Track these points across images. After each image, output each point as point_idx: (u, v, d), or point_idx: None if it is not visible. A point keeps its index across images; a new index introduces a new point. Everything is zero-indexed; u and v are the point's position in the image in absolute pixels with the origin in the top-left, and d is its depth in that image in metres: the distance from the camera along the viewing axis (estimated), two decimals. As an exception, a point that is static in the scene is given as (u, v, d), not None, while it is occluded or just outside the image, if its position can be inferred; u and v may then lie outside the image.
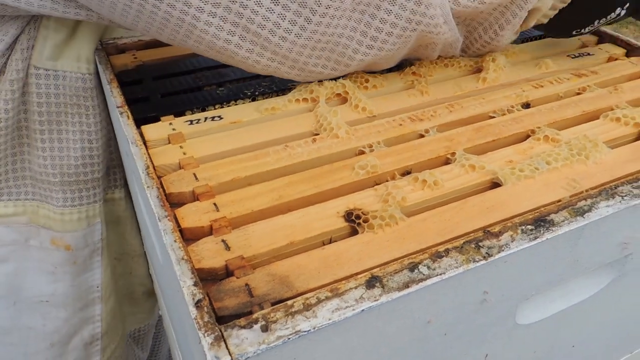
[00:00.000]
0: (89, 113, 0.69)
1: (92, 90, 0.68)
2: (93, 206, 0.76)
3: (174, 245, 0.41)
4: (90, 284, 0.81)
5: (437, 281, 0.40)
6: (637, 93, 0.66)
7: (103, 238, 0.80)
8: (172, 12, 0.51)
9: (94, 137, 0.70)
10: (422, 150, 0.55)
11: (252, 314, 0.37)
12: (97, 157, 0.72)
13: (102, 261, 0.81)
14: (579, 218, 0.46)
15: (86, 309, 0.82)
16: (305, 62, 0.57)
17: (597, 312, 0.59)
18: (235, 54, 0.55)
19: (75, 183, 0.73)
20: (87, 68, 0.67)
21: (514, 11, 0.62)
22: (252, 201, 0.48)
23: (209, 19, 0.51)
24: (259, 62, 0.56)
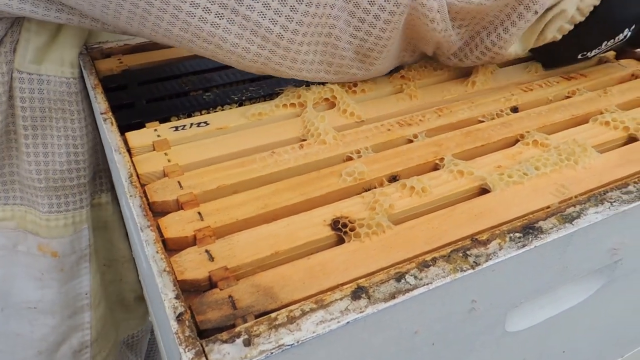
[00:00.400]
0: (74, 118, 0.68)
1: (76, 94, 0.67)
2: (79, 212, 0.75)
3: (156, 256, 0.40)
4: (78, 291, 0.80)
5: (424, 291, 0.39)
6: (626, 96, 0.66)
7: (90, 244, 0.79)
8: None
9: (79, 142, 0.69)
10: (411, 155, 0.55)
11: (235, 327, 0.36)
12: (83, 162, 0.71)
13: (90, 268, 0.80)
14: (568, 225, 0.45)
15: (75, 317, 0.81)
16: (297, 50, 0.54)
17: (587, 318, 0.59)
18: (223, 40, 0.51)
19: (61, 189, 0.72)
20: (72, 72, 0.66)
21: (520, 13, 0.58)
22: (237, 210, 0.47)
23: (195, 0, 0.49)
24: (248, 50, 0.52)
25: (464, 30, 0.61)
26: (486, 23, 0.61)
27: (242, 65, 0.55)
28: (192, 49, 0.53)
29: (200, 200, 0.48)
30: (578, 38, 0.64)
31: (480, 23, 0.61)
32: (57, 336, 0.81)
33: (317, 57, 0.56)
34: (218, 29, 0.51)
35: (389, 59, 0.61)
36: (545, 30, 0.62)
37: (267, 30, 0.51)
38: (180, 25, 0.51)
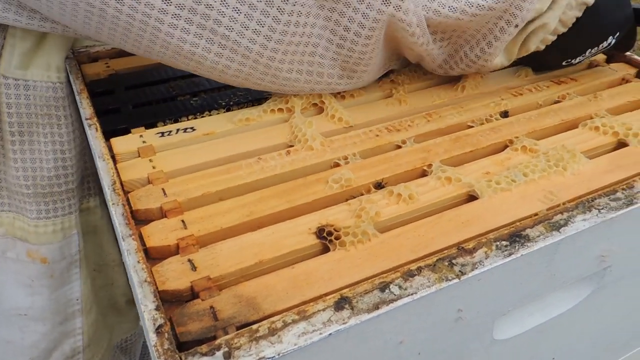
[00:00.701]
0: (60, 123, 0.67)
1: (63, 99, 0.66)
2: (68, 217, 0.74)
3: (137, 266, 0.40)
4: (69, 297, 0.79)
5: (408, 301, 0.39)
6: (616, 100, 0.65)
7: (80, 250, 0.78)
8: (134, 16, 0.48)
9: (66, 147, 0.68)
10: (398, 162, 0.54)
11: (215, 340, 0.35)
12: (71, 168, 0.70)
13: (80, 273, 0.79)
14: (555, 233, 0.45)
15: (66, 323, 0.80)
16: (278, 67, 0.55)
17: (577, 324, 0.59)
18: (203, 59, 0.52)
19: (49, 195, 0.71)
20: (58, 77, 0.65)
21: (502, 27, 0.58)
22: (221, 218, 0.46)
23: (173, 22, 0.48)
24: (229, 67, 0.53)
25: (445, 44, 0.61)
26: (468, 37, 0.61)
27: (224, 79, 0.56)
28: (175, 64, 0.54)
29: (184, 207, 0.48)
30: (561, 47, 0.64)
31: (462, 37, 0.61)
32: (49, 343, 0.80)
33: (303, 76, 0.57)
34: (197, 48, 0.51)
35: (375, 70, 0.62)
36: (527, 41, 0.62)
37: (246, 49, 0.52)
38: (161, 43, 0.51)
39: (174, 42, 0.50)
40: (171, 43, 0.50)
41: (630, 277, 0.57)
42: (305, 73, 0.57)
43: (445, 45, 0.61)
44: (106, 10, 0.48)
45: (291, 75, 0.56)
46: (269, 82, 0.57)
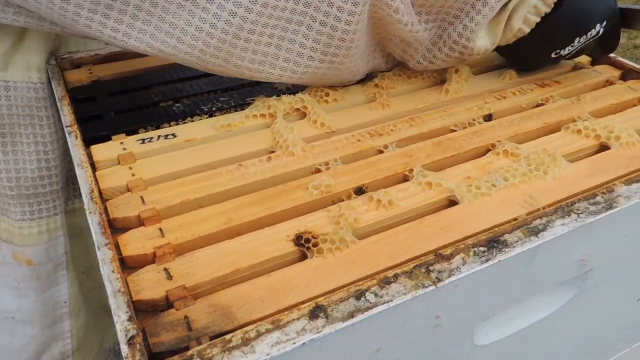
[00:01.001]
0: (43, 124, 0.66)
1: (45, 100, 0.65)
2: (54, 219, 0.74)
3: (112, 276, 0.40)
4: (56, 299, 0.79)
5: (384, 309, 0.39)
6: (600, 103, 0.65)
7: (67, 251, 0.78)
8: None
9: (49, 147, 0.68)
10: (380, 167, 0.54)
11: (188, 350, 0.35)
12: (55, 169, 0.70)
13: (67, 275, 0.79)
14: (533, 238, 0.45)
15: (55, 326, 0.80)
16: (258, 41, 0.53)
17: (561, 328, 0.58)
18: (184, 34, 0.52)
19: (34, 196, 0.70)
20: (39, 77, 0.65)
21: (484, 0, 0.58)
22: (199, 225, 0.46)
23: (151, 9, 0.49)
24: (208, 44, 0.52)
25: (430, 26, 0.60)
26: (452, 18, 0.60)
27: (204, 63, 0.54)
28: (148, 51, 0.53)
29: (162, 215, 0.48)
30: (549, 35, 0.64)
31: (446, 18, 0.60)
32: (37, 346, 0.80)
33: (282, 53, 0.55)
34: (176, 29, 0.50)
35: (359, 58, 0.61)
36: (510, 20, 0.61)
37: (226, 23, 0.51)
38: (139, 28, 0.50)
39: (150, 29, 0.50)
40: (147, 31, 0.50)
41: (612, 281, 0.57)
42: (284, 50, 0.55)
43: (430, 27, 0.60)
44: None
45: (269, 49, 0.55)
46: (248, 62, 0.55)
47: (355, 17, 0.53)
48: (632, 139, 0.57)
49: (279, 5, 0.51)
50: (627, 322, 0.70)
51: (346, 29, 0.54)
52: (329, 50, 0.56)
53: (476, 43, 0.61)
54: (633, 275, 0.60)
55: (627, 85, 0.69)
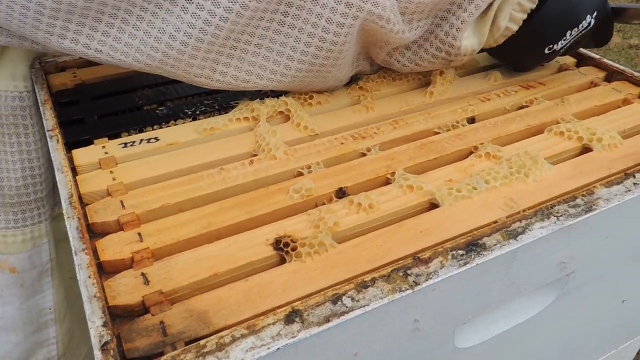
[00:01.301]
0: (28, 132, 0.66)
1: (30, 108, 0.65)
2: (38, 226, 0.74)
3: (88, 281, 0.39)
4: (41, 306, 0.79)
5: (360, 314, 0.39)
6: (583, 105, 0.66)
7: (52, 258, 0.77)
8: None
9: (34, 155, 0.68)
10: (362, 170, 0.54)
11: (162, 355, 0.35)
12: (40, 177, 0.70)
13: (52, 282, 0.79)
14: (512, 241, 0.45)
15: (39, 333, 0.80)
16: (244, 49, 0.53)
17: (545, 330, 0.59)
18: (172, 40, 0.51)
19: (18, 204, 0.70)
20: (25, 86, 0.64)
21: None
22: (178, 230, 0.46)
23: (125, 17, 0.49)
24: (198, 48, 0.51)
25: (415, 25, 0.59)
26: (439, 20, 0.60)
27: (190, 76, 0.54)
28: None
29: (142, 220, 0.47)
30: (538, 31, 0.64)
31: (434, 20, 0.60)
32: (21, 353, 0.79)
33: (269, 65, 0.55)
34: (154, 28, 0.50)
35: (346, 65, 0.61)
36: (496, 19, 0.61)
37: (216, 28, 0.50)
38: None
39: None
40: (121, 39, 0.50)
41: (595, 282, 0.57)
42: (272, 62, 0.55)
43: (416, 28, 0.60)
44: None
45: (257, 59, 0.54)
46: (234, 69, 0.55)
47: (344, 30, 0.53)
48: (614, 141, 0.57)
49: (266, 17, 0.51)
50: (612, 323, 0.70)
51: (335, 40, 0.54)
52: (316, 61, 0.56)
53: (462, 42, 0.61)
54: (616, 277, 0.60)
55: (611, 86, 0.69)
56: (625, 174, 0.52)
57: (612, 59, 2.52)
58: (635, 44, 3.23)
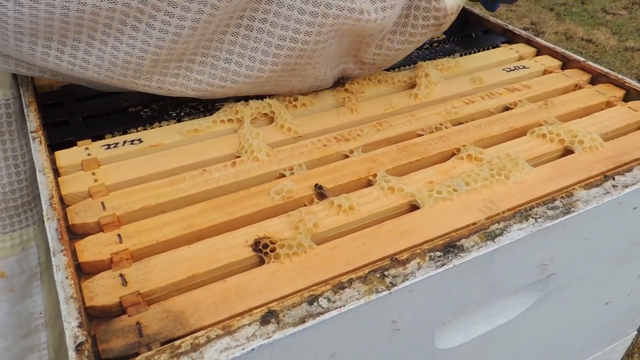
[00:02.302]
0: (13, 138, 0.66)
1: (15, 114, 0.65)
2: (26, 230, 0.74)
3: (65, 282, 0.39)
4: (31, 311, 0.79)
5: (336, 314, 0.39)
6: (567, 107, 0.66)
7: (41, 262, 0.77)
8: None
9: (20, 160, 0.68)
10: (344, 172, 0.54)
11: (137, 356, 0.35)
12: (26, 181, 0.70)
13: (42, 286, 0.78)
14: (489, 242, 0.45)
15: (29, 337, 0.80)
16: (218, 47, 0.53)
17: (528, 331, 0.59)
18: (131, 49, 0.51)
19: (5, 210, 0.70)
20: (12, 93, 0.64)
21: None
22: (158, 231, 0.46)
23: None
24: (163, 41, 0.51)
25: (389, 4, 0.58)
26: None
27: (146, 88, 0.55)
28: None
29: (123, 221, 0.48)
30: None
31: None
32: (11, 358, 0.79)
33: (243, 70, 0.55)
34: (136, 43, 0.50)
35: (324, 64, 0.60)
36: None
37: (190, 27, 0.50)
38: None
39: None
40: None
41: (577, 284, 0.58)
42: (245, 67, 0.55)
43: (391, 7, 0.58)
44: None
45: (230, 65, 0.55)
46: (208, 76, 0.55)
47: (315, 29, 0.53)
48: (595, 143, 0.58)
49: (232, 23, 0.51)
50: (597, 325, 0.70)
51: (306, 39, 0.54)
52: (289, 61, 0.56)
53: (447, 2, 0.61)
54: (598, 279, 0.60)
55: (595, 89, 0.70)
56: (604, 177, 0.53)
57: (608, 62, 2.51)
58: (631, 46, 3.25)
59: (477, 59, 0.77)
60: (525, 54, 0.78)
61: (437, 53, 0.78)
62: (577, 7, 3.75)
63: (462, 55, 0.79)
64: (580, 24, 3.51)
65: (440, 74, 0.71)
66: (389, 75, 0.70)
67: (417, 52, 0.79)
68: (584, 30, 3.42)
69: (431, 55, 0.77)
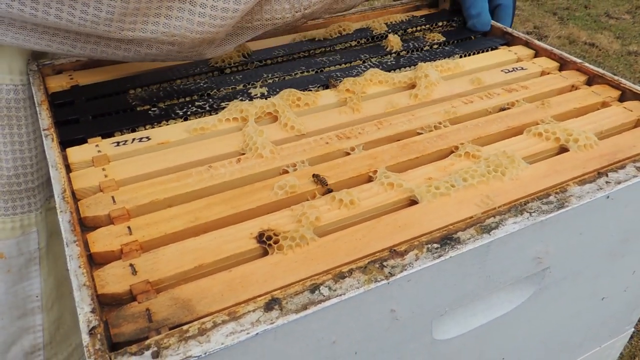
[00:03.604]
0: (21, 124, 0.68)
1: (24, 100, 0.67)
2: (28, 215, 0.76)
3: (78, 271, 0.41)
4: (28, 293, 0.80)
5: (336, 302, 0.40)
6: (563, 107, 0.68)
7: (41, 247, 0.79)
8: None
9: (26, 147, 0.70)
10: (345, 168, 0.56)
11: (147, 340, 0.37)
12: (31, 167, 0.72)
13: (40, 270, 0.80)
14: (485, 235, 0.47)
15: (25, 318, 0.81)
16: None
17: (524, 324, 0.60)
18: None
19: (8, 193, 0.72)
20: (21, 79, 0.67)
21: None
22: (166, 224, 0.48)
23: None
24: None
25: None
26: None
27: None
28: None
29: (132, 214, 0.49)
30: None
31: None
32: (7, 337, 0.81)
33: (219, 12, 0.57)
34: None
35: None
36: None
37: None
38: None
39: None
40: None
41: (572, 278, 0.59)
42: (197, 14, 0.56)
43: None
44: None
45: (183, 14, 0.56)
46: (162, 27, 0.57)
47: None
48: (589, 142, 0.59)
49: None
50: (594, 320, 0.72)
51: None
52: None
53: None
54: (593, 274, 0.62)
55: (591, 90, 0.71)
56: (598, 173, 0.54)
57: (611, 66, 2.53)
58: (634, 50, 3.27)
59: (476, 60, 0.79)
60: (524, 55, 0.80)
61: (437, 55, 0.80)
62: (580, 11, 3.77)
63: (462, 57, 0.80)
64: (584, 28, 3.53)
65: (440, 75, 0.73)
66: (389, 76, 0.72)
67: (418, 54, 0.80)
68: (587, 34, 3.43)
69: (431, 57, 0.79)
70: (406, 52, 0.81)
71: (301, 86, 0.70)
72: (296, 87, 0.68)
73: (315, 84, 0.71)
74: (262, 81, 0.71)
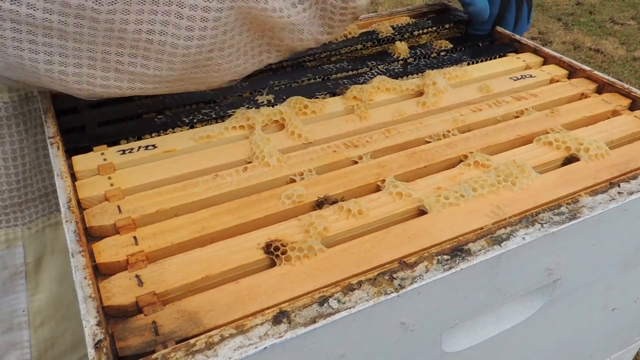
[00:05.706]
0: (4, 140, 0.68)
1: (12, 117, 0.67)
2: (13, 230, 0.75)
3: (83, 282, 0.41)
4: (14, 307, 0.80)
5: (345, 315, 0.40)
6: (573, 116, 0.67)
7: (27, 262, 0.79)
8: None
9: (11, 163, 0.70)
10: (353, 177, 0.56)
11: (153, 354, 0.36)
12: (17, 183, 0.72)
13: (27, 285, 0.80)
14: (496, 247, 0.46)
15: (11, 333, 0.81)
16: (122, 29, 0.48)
17: (534, 336, 0.59)
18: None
19: None
20: (10, 97, 0.66)
21: None
22: (173, 234, 0.48)
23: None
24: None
25: (305, 5, 0.55)
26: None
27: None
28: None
29: (138, 224, 0.49)
30: None
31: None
32: None
33: (151, 71, 0.52)
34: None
35: (239, 57, 0.57)
36: None
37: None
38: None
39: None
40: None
41: (584, 289, 0.58)
42: (140, 66, 0.51)
43: (305, 9, 0.56)
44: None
45: (123, 67, 0.51)
46: (114, 75, 0.52)
47: (209, 23, 0.50)
48: (600, 151, 0.58)
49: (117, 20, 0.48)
50: (604, 331, 0.71)
51: (202, 34, 0.51)
52: (188, 59, 0.53)
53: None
54: (605, 285, 0.61)
55: (601, 98, 0.71)
56: (610, 183, 0.54)
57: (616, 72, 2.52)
58: (639, 56, 3.26)
59: (484, 67, 0.78)
60: (532, 63, 0.79)
61: (444, 62, 0.80)
62: (585, 17, 3.76)
63: (470, 64, 0.80)
64: (588, 33, 3.52)
65: (448, 83, 0.72)
66: (397, 83, 0.71)
67: (425, 61, 0.80)
68: (592, 40, 3.42)
69: (439, 64, 0.78)
70: (413, 59, 0.81)
71: (308, 93, 0.69)
72: (303, 94, 0.68)
73: (322, 92, 0.71)
74: (269, 88, 0.71)
